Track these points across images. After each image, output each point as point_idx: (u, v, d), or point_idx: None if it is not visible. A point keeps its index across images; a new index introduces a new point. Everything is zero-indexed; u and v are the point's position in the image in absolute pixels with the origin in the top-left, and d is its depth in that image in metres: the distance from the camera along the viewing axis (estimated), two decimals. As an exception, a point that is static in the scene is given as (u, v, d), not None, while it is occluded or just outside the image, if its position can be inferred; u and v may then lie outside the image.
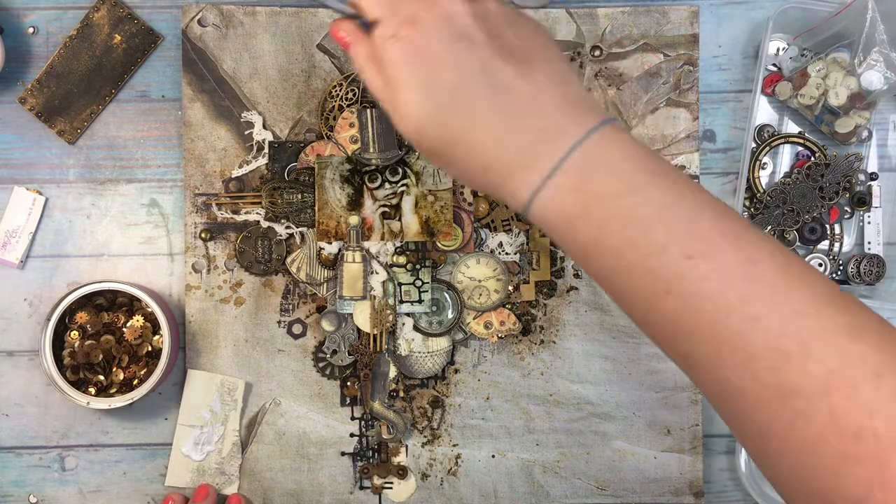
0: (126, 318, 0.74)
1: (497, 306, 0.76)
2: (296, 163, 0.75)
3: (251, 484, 0.75)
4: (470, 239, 0.76)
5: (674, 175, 0.50)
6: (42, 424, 0.76)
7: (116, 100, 0.76)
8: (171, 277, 0.76)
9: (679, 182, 0.50)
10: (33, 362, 0.76)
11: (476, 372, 0.77)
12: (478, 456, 0.77)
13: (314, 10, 0.76)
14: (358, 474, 0.76)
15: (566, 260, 0.77)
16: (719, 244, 0.48)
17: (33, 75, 0.75)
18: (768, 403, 0.47)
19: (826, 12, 0.74)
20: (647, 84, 0.77)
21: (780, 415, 0.46)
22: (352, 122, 0.75)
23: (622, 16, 0.76)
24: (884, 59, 0.72)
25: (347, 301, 0.75)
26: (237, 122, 0.75)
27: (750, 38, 0.78)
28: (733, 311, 0.47)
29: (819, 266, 0.77)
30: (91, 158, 0.76)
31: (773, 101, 0.78)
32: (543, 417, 0.77)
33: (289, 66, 0.76)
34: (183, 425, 0.75)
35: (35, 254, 0.76)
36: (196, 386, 0.75)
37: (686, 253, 0.48)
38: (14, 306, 0.76)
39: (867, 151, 0.78)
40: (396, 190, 0.75)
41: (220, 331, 0.75)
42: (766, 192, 0.76)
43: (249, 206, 0.76)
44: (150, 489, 0.76)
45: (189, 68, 0.75)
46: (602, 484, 0.77)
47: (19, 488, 0.76)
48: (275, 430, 0.76)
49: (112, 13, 0.75)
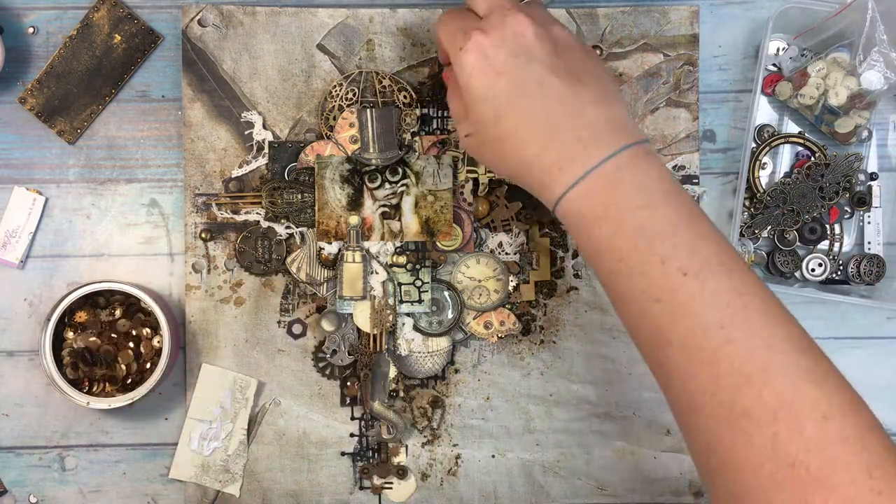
0: (126, 318, 0.74)
1: (497, 306, 0.76)
2: (296, 163, 0.75)
3: (251, 484, 0.76)
4: (470, 239, 0.76)
5: (689, 203, 0.57)
6: (42, 424, 0.76)
7: (116, 100, 0.76)
8: (171, 277, 0.76)
9: (692, 210, 0.56)
10: (33, 362, 0.76)
11: (476, 372, 0.77)
12: (478, 456, 0.77)
13: (314, 11, 0.76)
14: (358, 474, 0.76)
15: (566, 260, 0.77)
16: (713, 270, 0.54)
17: (33, 75, 0.75)
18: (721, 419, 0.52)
19: (826, 12, 0.74)
20: (647, 84, 0.77)
21: (728, 432, 0.51)
22: (352, 122, 0.75)
23: (622, 16, 0.76)
24: (884, 59, 0.72)
25: (347, 301, 0.75)
26: (237, 122, 0.75)
27: (750, 38, 0.78)
28: (710, 330, 0.52)
29: (819, 266, 0.77)
30: (91, 158, 0.76)
31: (773, 101, 0.78)
32: (543, 417, 0.77)
33: (289, 66, 0.76)
34: (192, 419, 0.75)
35: (35, 254, 0.76)
36: (209, 381, 0.75)
37: (682, 270, 0.54)
38: (14, 306, 0.76)
39: (867, 151, 0.78)
40: (396, 190, 0.75)
41: (220, 331, 0.75)
42: (766, 192, 0.76)
43: (249, 206, 0.76)
44: (150, 489, 0.76)
45: (189, 68, 0.75)
46: (602, 484, 0.77)
47: (19, 488, 0.76)
48: (275, 430, 0.76)
49: (112, 13, 0.75)
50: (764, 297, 0.54)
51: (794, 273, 0.77)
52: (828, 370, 0.52)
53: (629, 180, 0.56)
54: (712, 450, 0.53)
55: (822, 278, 0.77)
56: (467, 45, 0.60)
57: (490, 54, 0.59)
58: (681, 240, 0.55)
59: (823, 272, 0.77)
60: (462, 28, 0.61)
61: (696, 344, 0.53)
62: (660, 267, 0.54)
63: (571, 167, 0.57)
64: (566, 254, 0.77)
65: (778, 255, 0.77)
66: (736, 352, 0.52)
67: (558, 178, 0.58)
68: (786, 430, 0.49)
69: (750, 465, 0.50)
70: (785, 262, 0.77)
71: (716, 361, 0.52)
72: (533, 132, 0.59)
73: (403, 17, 0.76)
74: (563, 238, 0.77)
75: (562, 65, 0.60)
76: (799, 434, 0.49)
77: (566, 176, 0.58)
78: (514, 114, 0.59)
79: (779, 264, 0.77)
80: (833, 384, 0.51)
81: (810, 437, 0.49)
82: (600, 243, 0.57)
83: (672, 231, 0.55)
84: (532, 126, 0.59)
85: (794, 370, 0.51)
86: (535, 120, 0.59)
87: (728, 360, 0.52)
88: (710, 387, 0.52)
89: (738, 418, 0.51)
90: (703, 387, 0.52)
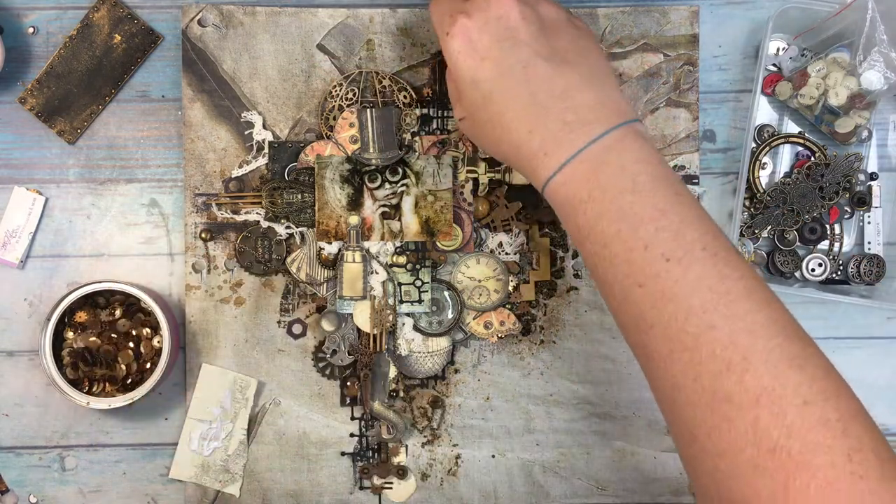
0: (126, 318, 0.74)
1: (497, 306, 0.76)
2: (296, 163, 0.75)
3: (251, 484, 0.76)
4: (470, 239, 0.76)
5: (676, 186, 0.56)
6: (42, 424, 0.76)
7: (116, 100, 0.76)
8: (171, 277, 0.76)
9: (679, 193, 0.55)
10: (33, 362, 0.76)
11: (476, 372, 0.77)
12: (478, 456, 0.77)
13: (314, 11, 0.76)
14: (358, 474, 0.76)
15: (566, 260, 0.77)
16: (697, 255, 0.53)
17: (33, 75, 0.75)
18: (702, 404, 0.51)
19: (826, 12, 0.74)
20: (647, 84, 0.77)
21: (710, 417, 0.51)
22: (352, 122, 0.75)
23: (622, 16, 0.76)
24: (884, 59, 0.72)
25: (347, 301, 0.75)
26: (237, 122, 0.75)
27: (750, 38, 0.78)
28: (693, 314, 0.52)
29: (819, 266, 0.77)
30: (91, 158, 0.76)
31: (773, 101, 0.78)
32: (543, 417, 0.77)
33: (289, 66, 0.76)
34: (192, 419, 0.75)
35: (35, 254, 0.76)
36: (209, 380, 0.75)
37: (665, 255, 0.53)
38: (14, 306, 0.76)
39: (867, 151, 0.78)
40: (396, 190, 0.75)
41: (220, 331, 0.75)
42: (766, 192, 0.76)
43: (249, 206, 0.76)
44: (150, 489, 0.76)
45: (189, 68, 0.75)
46: (602, 484, 0.77)
47: (19, 488, 0.76)
48: (275, 430, 0.76)
49: (112, 13, 0.75)
50: (748, 281, 0.53)
51: (794, 273, 0.77)
52: (811, 355, 0.51)
53: (615, 162, 0.56)
54: (693, 436, 0.52)
55: (822, 278, 0.77)
56: (453, 29, 0.60)
57: (474, 38, 0.59)
58: (665, 224, 0.54)
59: (823, 272, 0.77)
60: (449, 11, 0.61)
61: (678, 328, 0.52)
62: (643, 252, 0.54)
63: (557, 151, 0.57)
64: (566, 254, 0.77)
65: (778, 255, 0.77)
66: (718, 337, 0.51)
67: (545, 162, 0.58)
68: (767, 414, 0.49)
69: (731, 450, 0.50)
70: (785, 262, 0.77)
71: (698, 346, 0.52)
72: (519, 116, 0.59)
73: (403, 17, 0.76)
74: (563, 238, 0.77)
75: (548, 46, 0.59)
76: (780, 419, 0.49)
77: (552, 160, 0.57)
78: (501, 98, 0.59)
79: (779, 264, 0.77)
80: (816, 369, 0.51)
81: (792, 422, 0.49)
82: (585, 228, 0.56)
83: (657, 216, 0.54)
84: (518, 110, 0.59)
85: (776, 355, 0.50)
86: (520, 104, 0.58)
87: (710, 345, 0.51)
88: (692, 371, 0.52)
89: (720, 403, 0.51)
90: (684, 371, 0.52)
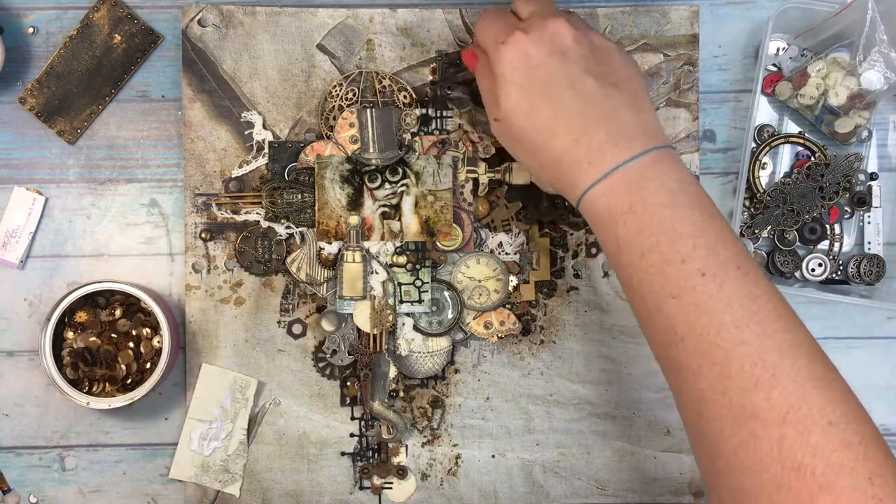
0: (126, 318, 0.74)
1: (497, 306, 0.76)
2: (296, 163, 0.75)
3: (251, 484, 0.76)
4: (470, 239, 0.76)
5: (711, 208, 0.59)
6: (42, 424, 0.76)
7: (116, 100, 0.76)
8: (171, 277, 0.76)
9: (713, 215, 0.58)
10: (33, 362, 0.76)
11: (476, 372, 0.77)
12: (478, 456, 0.77)
13: (314, 11, 0.76)
14: (358, 474, 0.76)
15: (566, 260, 0.77)
16: (731, 273, 0.55)
17: (33, 75, 0.75)
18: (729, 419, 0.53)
19: (826, 12, 0.74)
20: (647, 84, 0.77)
21: (738, 432, 0.52)
22: (352, 122, 0.75)
23: (622, 16, 0.76)
24: (884, 59, 0.72)
25: (347, 301, 0.75)
26: (237, 122, 0.75)
27: (750, 38, 0.78)
28: (724, 329, 0.54)
29: (819, 266, 0.77)
30: (91, 158, 0.76)
31: (773, 101, 0.78)
32: (543, 417, 0.77)
33: (289, 66, 0.76)
34: (192, 419, 0.75)
35: (35, 254, 0.76)
36: (209, 381, 0.75)
37: (701, 270, 0.55)
38: (14, 306, 0.76)
39: (867, 151, 0.78)
40: (396, 190, 0.75)
41: (220, 331, 0.75)
42: (766, 192, 0.76)
43: (249, 206, 0.76)
44: (150, 489, 0.76)
45: (189, 68, 0.75)
46: (602, 484, 0.77)
47: (19, 488, 0.76)
48: (275, 430, 0.76)
49: (112, 13, 0.75)
50: (777, 303, 0.55)
51: (794, 273, 0.77)
52: (834, 378, 0.53)
53: (657, 179, 0.59)
54: (718, 451, 0.54)
55: (822, 278, 0.77)
56: (509, 39, 0.63)
57: (529, 51, 0.62)
58: (702, 241, 0.56)
59: (823, 272, 0.77)
60: (504, 27, 0.64)
61: (709, 342, 0.54)
62: (679, 266, 0.56)
63: (601, 162, 0.60)
64: (566, 254, 0.77)
65: (778, 255, 0.77)
66: (748, 353, 0.53)
67: (587, 171, 0.60)
68: (793, 432, 0.51)
69: (756, 467, 0.51)
70: (785, 262, 0.77)
71: (728, 361, 0.53)
72: (566, 126, 0.61)
73: (403, 17, 0.76)
74: (563, 238, 0.77)
75: (597, 68, 0.62)
76: (806, 438, 0.50)
77: (595, 169, 0.60)
78: (549, 107, 0.62)
79: (779, 264, 0.77)
80: (838, 391, 0.52)
81: (817, 442, 0.50)
82: (623, 238, 0.59)
83: (694, 232, 0.57)
84: (566, 120, 0.61)
85: (803, 375, 0.52)
86: (569, 115, 0.61)
87: (739, 361, 0.53)
88: (720, 386, 0.53)
89: (747, 419, 0.52)
90: (713, 385, 0.54)
